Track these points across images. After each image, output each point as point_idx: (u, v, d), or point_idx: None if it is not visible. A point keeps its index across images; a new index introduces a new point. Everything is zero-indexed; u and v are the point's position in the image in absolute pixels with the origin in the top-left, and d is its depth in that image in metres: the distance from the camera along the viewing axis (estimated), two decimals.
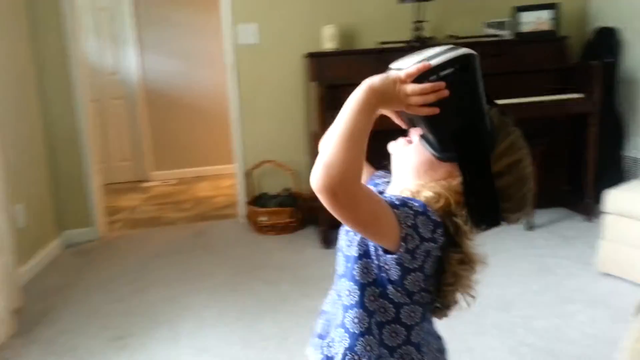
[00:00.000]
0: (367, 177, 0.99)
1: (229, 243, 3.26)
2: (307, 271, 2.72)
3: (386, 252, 0.78)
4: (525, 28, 3.37)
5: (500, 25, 3.43)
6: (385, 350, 0.84)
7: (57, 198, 3.34)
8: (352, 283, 0.83)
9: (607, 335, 1.92)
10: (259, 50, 3.44)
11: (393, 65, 0.82)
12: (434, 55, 0.77)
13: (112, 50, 5.23)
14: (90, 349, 2.10)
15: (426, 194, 0.80)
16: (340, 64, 3.24)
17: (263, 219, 3.33)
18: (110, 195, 4.86)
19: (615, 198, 2.31)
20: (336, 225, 3.08)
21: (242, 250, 3.12)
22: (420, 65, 0.75)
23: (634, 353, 0.58)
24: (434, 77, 0.75)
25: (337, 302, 0.87)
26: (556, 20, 3.31)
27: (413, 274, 0.79)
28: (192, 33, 5.23)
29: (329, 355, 0.86)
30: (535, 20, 3.35)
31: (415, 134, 0.85)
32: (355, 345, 0.83)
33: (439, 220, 0.78)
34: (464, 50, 0.77)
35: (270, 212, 3.31)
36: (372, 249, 0.80)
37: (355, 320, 0.83)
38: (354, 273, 0.83)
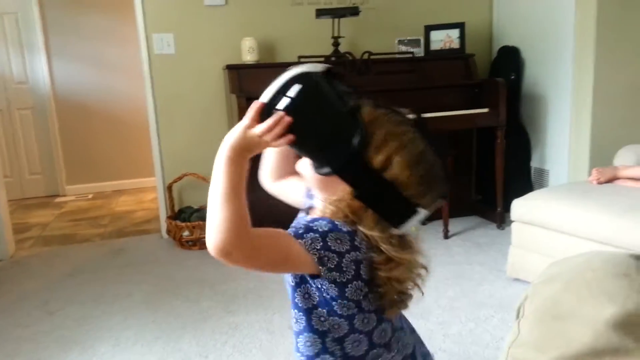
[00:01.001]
0: (296, 179, 0.98)
1: (149, 260, 3.16)
2: (230, 286, 2.69)
3: (313, 276, 0.80)
4: (435, 46, 3.56)
5: (412, 42, 3.61)
6: None
7: None
8: (296, 310, 0.86)
9: None
10: (175, 61, 3.38)
11: (262, 97, 0.82)
12: (274, 86, 0.78)
13: (19, 57, 4.94)
14: None
15: (329, 209, 0.82)
16: (260, 76, 3.23)
17: (185, 233, 3.26)
18: (20, 211, 4.56)
19: (521, 207, 2.49)
20: None
21: (162, 267, 3.03)
22: (254, 106, 0.77)
23: (511, 358, 0.65)
24: (275, 109, 0.76)
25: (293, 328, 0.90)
26: (463, 38, 3.53)
27: (350, 285, 0.81)
28: (106, 40, 5.05)
29: None
30: (444, 39, 3.55)
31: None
32: None
33: (351, 229, 0.79)
34: (288, 76, 0.77)
35: (193, 226, 3.25)
36: (306, 275, 0.82)
37: (308, 343, 0.86)
38: (296, 301, 0.85)
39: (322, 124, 0.79)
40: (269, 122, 0.76)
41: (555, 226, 2.33)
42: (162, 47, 3.36)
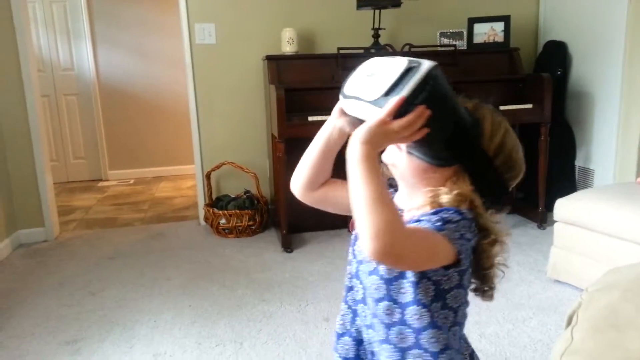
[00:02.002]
0: (342, 186, 0.92)
1: (186, 246, 3.23)
2: (265, 275, 2.73)
3: (445, 268, 0.81)
4: (479, 39, 3.48)
5: (454, 35, 3.53)
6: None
7: (7, 196, 3.23)
8: (418, 307, 0.83)
9: (555, 341, 2.01)
10: (216, 51, 3.42)
11: (346, 90, 0.82)
12: (398, 80, 0.75)
13: (66, 45, 5.10)
14: (42, 354, 2.05)
15: (446, 198, 0.81)
16: (299, 68, 3.26)
17: (222, 221, 3.32)
18: (64, 194, 4.73)
19: (564, 207, 2.42)
20: (297, 229, 3.11)
21: (199, 253, 3.09)
22: (396, 101, 0.73)
23: None
24: (410, 104, 0.74)
25: (381, 329, 0.87)
26: (507, 32, 3.44)
27: (467, 272, 0.85)
28: (149, 30, 5.15)
29: None
30: (488, 32, 3.47)
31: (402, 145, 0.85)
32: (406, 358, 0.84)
33: (471, 216, 0.81)
34: (426, 68, 0.75)
35: (230, 214, 3.30)
36: (427, 270, 0.82)
37: (432, 340, 0.83)
38: (419, 297, 0.83)
39: (452, 116, 0.80)
40: (410, 116, 0.73)
41: (600, 228, 2.26)
42: (203, 37, 3.40)
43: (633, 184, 2.51)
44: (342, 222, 3.34)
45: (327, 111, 3.41)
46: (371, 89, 0.77)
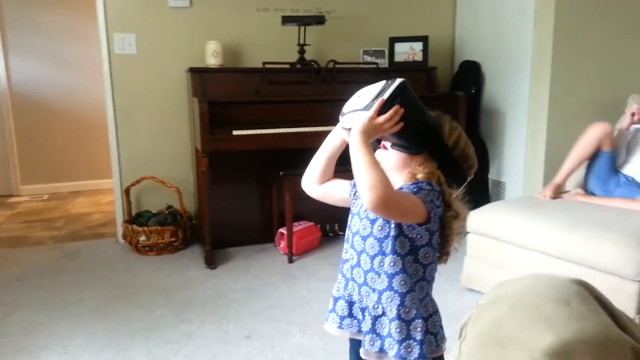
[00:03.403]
0: (340, 182, 1.26)
1: (102, 265, 3.08)
2: (186, 294, 2.65)
3: (419, 225, 1.08)
4: (399, 57, 3.61)
5: (377, 53, 3.65)
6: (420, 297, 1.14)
7: None
8: (394, 256, 1.10)
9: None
10: (137, 61, 3.32)
11: (344, 110, 1.14)
12: (380, 92, 1.07)
13: None
14: None
15: (420, 175, 1.10)
16: (224, 81, 3.23)
17: (142, 238, 3.19)
18: None
19: (476, 219, 2.54)
20: (221, 244, 3.06)
21: (116, 272, 2.96)
22: (379, 101, 1.04)
23: None
24: (389, 105, 1.04)
25: (374, 278, 1.13)
26: (426, 51, 3.59)
27: (435, 234, 1.12)
28: (66, 38, 4.92)
29: (376, 314, 1.12)
30: (408, 51, 3.61)
31: (387, 144, 1.17)
32: (405, 301, 1.11)
33: (438, 189, 1.10)
34: (398, 80, 1.07)
35: (150, 231, 3.18)
36: (404, 227, 1.09)
37: (402, 282, 1.11)
38: (396, 248, 1.10)
39: (419, 114, 1.10)
40: (389, 112, 1.04)
41: (509, 239, 2.39)
42: (123, 47, 3.29)
43: (538, 197, 2.68)
44: (267, 236, 3.35)
45: (252, 125, 3.44)
46: (362, 101, 1.10)
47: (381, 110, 1.04)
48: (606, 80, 3.28)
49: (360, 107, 1.08)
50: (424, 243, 1.11)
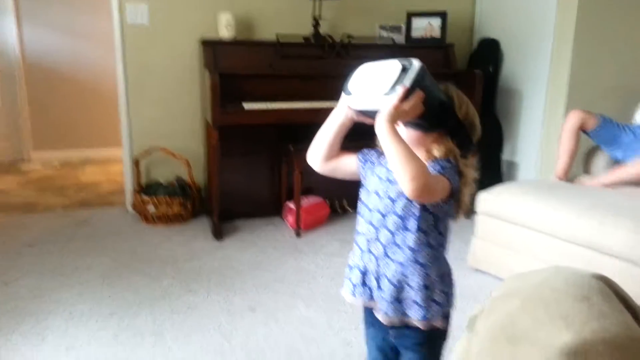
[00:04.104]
0: (348, 157, 1.27)
1: (112, 233, 3.10)
2: (193, 264, 2.66)
3: (442, 201, 1.12)
4: (416, 34, 3.52)
5: (393, 29, 3.56)
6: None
7: None
8: (419, 232, 1.14)
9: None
10: (149, 32, 3.27)
11: (352, 90, 1.13)
12: (398, 77, 1.06)
13: None
14: None
15: (437, 152, 1.15)
16: (236, 54, 3.18)
17: (151, 208, 3.20)
18: None
19: (485, 200, 2.50)
20: (229, 217, 3.06)
21: (126, 241, 2.97)
22: (402, 90, 1.04)
23: None
24: (411, 90, 1.05)
25: (395, 251, 1.16)
26: (444, 28, 3.50)
27: (453, 204, 1.16)
28: (78, 7, 4.87)
29: (399, 285, 1.16)
30: (425, 27, 3.51)
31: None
32: (429, 272, 1.16)
33: (455, 163, 1.15)
34: (418, 65, 1.07)
35: (159, 201, 3.19)
36: (427, 204, 1.12)
37: (426, 255, 1.15)
38: (420, 225, 1.14)
39: (436, 95, 1.11)
40: (413, 99, 1.05)
41: (519, 221, 2.35)
42: (135, 18, 3.24)
43: (552, 180, 2.63)
44: (275, 210, 3.34)
45: (264, 99, 3.40)
46: (378, 86, 1.08)
47: (404, 97, 1.06)
48: (630, 65, 3.18)
49: (380, 91, 1.07)
50: (443, 215, 1.17)
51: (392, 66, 1.09)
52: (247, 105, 2.93)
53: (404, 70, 1.07)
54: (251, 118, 2.95)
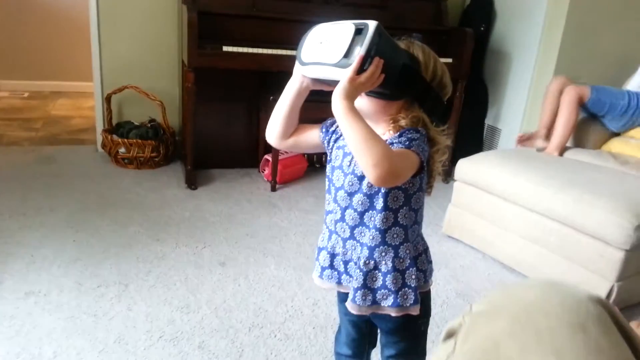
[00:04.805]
0: (309, 129, 1.15)
1: (79, 173, 2.98)
2: (164, 213, 2.58)
3: (412, 176, 1.01)
4: None
5: None
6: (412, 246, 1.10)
7: None
8: (386, 212, 1.04)
9: (440, 294, 2.07)
10: None
11: (304, 58, 1.00)
12: (351, 42, 0.92)
13: None
14: None
15: (404, 122, 1.02)
16: None
17: (121, 150, 3.08)
18: None
19: (463, 167, 2.45)
20: (204, 165, 2.95)
21: (93, 183, 2.86)
22: (357, 59, 0.91)
23: None
24: (367, 58, 0.91)
25: (362, 232, 1.07)
26: None
27: (424, 177, 1.07)
28: None
29: (368, 269, 1.07)
30: None
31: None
32: (399, 253, 1.07)
33: (425, 132, 1.03)
34: (373, 27, 0.92)
35: (131, 143, 3.06)
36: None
37: (395, 235, 1.06)
38: (388, 203, 1.04)
39: (397, 58, 0.98)
40: (371, 69, 0.92)
41: (496, 191, 2.32)
42: None
43: (532, 150, 2.60)
44: (251, 161, 3.25)
45: (245, 42, 3.19)
46: (330, 54, 0.94)
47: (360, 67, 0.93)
48: (622, 35, 3.10)
49: (330, 61, 0.94)
50: (415, 190, 1.06)
51: (345, 29, 0.94)
52: (227, 48, 2.77)
53: (359, 32, 0.92)
54: (230, 62, 2.80)
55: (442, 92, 1.06)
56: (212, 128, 3.14)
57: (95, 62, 3.18)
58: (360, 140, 0.90)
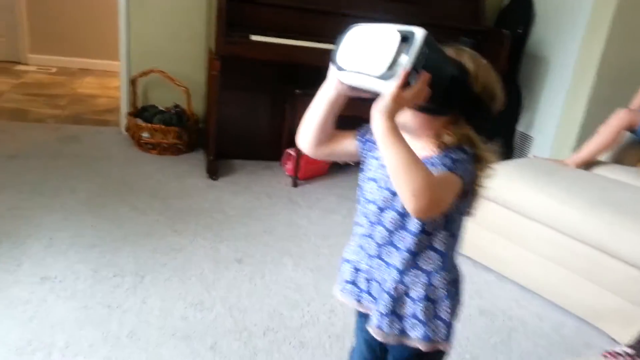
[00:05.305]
0: (345, 137, 1.07)
1: (102, 155, 2.96)
2: (183, 202, 2.55)
3: (457, 201, 0.92)
4: None
5: None
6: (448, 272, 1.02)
7: None
8: (422, 235, 0.96)
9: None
10: None
11: (342, 64, 0.90)
12: (393, 52, 0.83)
13: None
14: None
15: (449, 139, 0.93)
16: None
17: (145, 135, 3.05)
18: None
19: None
20: (226, 155, 2.90)
21: (115, 166, 2.84)
22: (402, 75, 0.82)
23: None
24: (414, 73, 0.83)
25: (391, 253, 0.99)
26: None
27: (467, 200, 0.97)
28: None
29: (397, 295, 0.99)
30: None
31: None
32: (433, 280, 0.99)
33: (472, 152, 0.94)
34: (420, 38, 0.82)
35: (154, 129, 3.03)
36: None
37: (429, 260, 0.98)
38: (425, 226, 0.96)
39: (445, 70, 0.89)
40: (417, 85, 0.83)
41: (516, 208, 2.16)
42: None
43: (559, 163, 2.48)
44: (274, 155, 3.20)
45: (274, 32, 3.09)
46: (372, 63, 0.85)
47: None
48: None
49: (372, 72, 0.85)
50: (457, 213, 0.97)
51: (389, 35, 0.85)
52: (255, 37, 2.71)
53: (405, 40, 0.83)
54: (258, 52, 2.74)
55: (492, 104, 0.96)
56: (236, 117, 3.09)
57: (123, 43, 3.15)
58: (400, 166, 0.83)
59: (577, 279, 2.01)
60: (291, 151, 2.98)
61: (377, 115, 0.84)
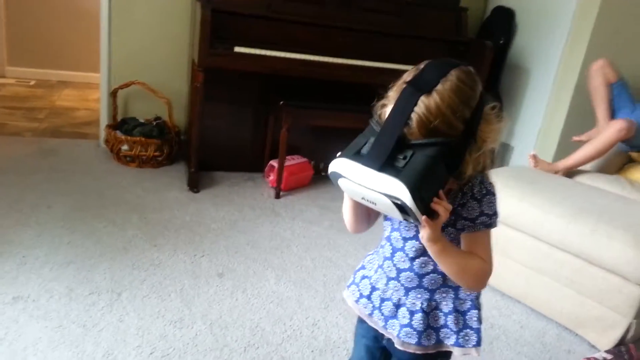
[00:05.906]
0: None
1: (80, 169, 2.90)
2: (163, 216, 2.50)
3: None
4: None
5: None
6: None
7: None
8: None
9: None
10: None
11: (353, 178, 0.85)
12: (395, 212, 0.84)
13: None
14: None
15: (470, 172, 0.91)
16: None
17: (124, 147, 3.00)
18: None
19: None
20: (208, 167, 2.87)
21: (93, 180, 2.78)
22: (422, 220, 0.84)
23: None
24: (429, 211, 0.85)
25: (410, 278, 1.03)
26: None
27: None
28: None
29: (429, 310, 1.04)
30: None
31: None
32: (459, 294, 1.05)
33: (492, 182, 0.98)
34: (407, 200, 0.80)
35: (134, 141, 2.98)
36: (459, 225, 0.97)
37: (432, 281, 1.03)
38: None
39: (448, 175, 0.88)
40: (440, 210, 0.85)
41: (500, 217, 2.16)
42: None
43: (538, 171, 2.50)
44: (257, 166, 3.16)
45: (258, 44, 3.07)
46: (389, 213, 0.87)
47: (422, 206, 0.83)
48: None
49: (397, 217, 0.87)
50: None
51: (382, 201, 0.83)
52: (238, 49, 2.69)
53: (398, 205, 0.82)
54: (241, 63, 2.72)
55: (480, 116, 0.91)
56: (218, 129, 3.06)
57: (104, 54, 3.10)
58: (456, 273, 0.95)
59: (558, 287, 2.01)
60: (274, 162, 2.95)
61: (426, 243, 0.92)
